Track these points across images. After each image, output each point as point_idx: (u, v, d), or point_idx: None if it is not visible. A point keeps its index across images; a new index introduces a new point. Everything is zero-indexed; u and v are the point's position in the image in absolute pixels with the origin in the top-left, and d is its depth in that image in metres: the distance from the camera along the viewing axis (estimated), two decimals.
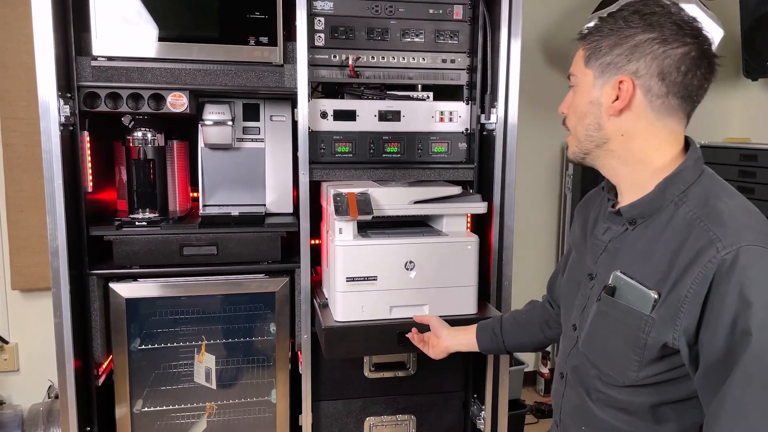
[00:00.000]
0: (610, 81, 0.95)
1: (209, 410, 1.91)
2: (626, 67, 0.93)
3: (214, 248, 1.76)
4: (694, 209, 0.91)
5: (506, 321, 1.41)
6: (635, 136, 0.95)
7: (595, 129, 0.98)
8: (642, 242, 0.96)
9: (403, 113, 1.84)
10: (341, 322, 1.59)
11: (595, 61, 0.97)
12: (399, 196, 1.63)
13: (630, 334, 0.93)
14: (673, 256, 0.89)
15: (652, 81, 0.93)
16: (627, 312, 0.94)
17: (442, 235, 1.68)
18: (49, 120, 1.56)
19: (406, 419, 1.93)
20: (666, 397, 0.94)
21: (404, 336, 1.55)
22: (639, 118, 0.95)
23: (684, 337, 0.87)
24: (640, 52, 0.92)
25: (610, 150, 0.98)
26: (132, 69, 1.65)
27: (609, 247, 1.02)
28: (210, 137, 1.81)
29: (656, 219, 0.95)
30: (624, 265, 0.97)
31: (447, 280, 1.64)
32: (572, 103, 1.02)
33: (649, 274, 0.92)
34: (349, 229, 1.58)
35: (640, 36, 0.92)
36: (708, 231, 0.87)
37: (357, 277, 1.58)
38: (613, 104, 0.95)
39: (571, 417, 1.09)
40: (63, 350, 1.64)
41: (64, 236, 1.60)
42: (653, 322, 0.90)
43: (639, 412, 0.97)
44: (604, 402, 1.01)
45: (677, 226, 0.91)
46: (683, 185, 0.93)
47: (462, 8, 1.83)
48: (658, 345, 0.90)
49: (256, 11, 1.68)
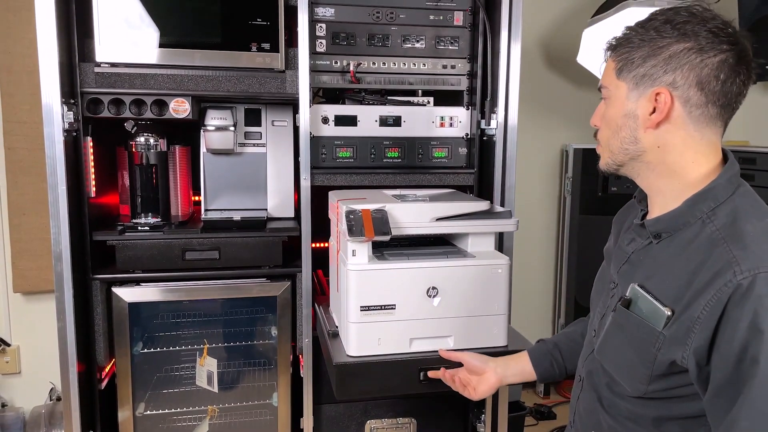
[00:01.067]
0: (646, 93, 0.93)
1: (211, 413, 1.92)
2: (662, 79, 0.91)
3: (216, 253, 1.78)
4: (720, 228, 0.88)
5: (562, 344, 1.32)
6: (672, 149, 0.93)
7: (630, 142, 0.96)
8: (664, 257, 0.94)
9: (404, 118, 1.85)
10: (355, 357, 1.41)
11: (628, 72, 0.94)
12: (420, 213, 1.46)
13: (641, 347, 0.92)
14: (693, 274, 0.87)
15: (690, 91, 0.90)
16: (640, 326, 0.93)
17: (468, 256, 1.50)
18: (53, 126, 1.57)
19: (407, 422, 1.94)
20: (673, 413, 0.94)
21: (428, 374, 1.40)
22: (678, 130, 0.92)
23: (694, 357, 0.86)
24: (676, 62, 0.90)
25: (646, 162, 0.96)
26: (135, 75, 1.66)
27: (632, 259, 1.01)
28: (212, 142, 1.82)
29: (681, 234, 0.93)
30: (643, 278, 0.96)
31: (474, 308, 1.46)
32: (605, 116, 1.00)
33: (666, 289, 0.91)
34: (364, 250, 1.41)
35: (675, 46, 0.90)
36: (729, 253, 0.85)
37: (373, 305, 1.40)
38: (651, 117, 0.92)
39: (583, 420, 1.10)
40: (66, 354, 1.66)
41: (68, 241, 1.61)
42: (664, 339, 0.89)
43: (645, 424, 0.97)
44: (613, 409, 1.02)
45: (701, 245, 0.89)
46: (713, 203, 0.91)
47: (462, 14, 1.84)
48: (667, 362, 0.89)
49: (258, 18, 1.69)
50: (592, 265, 3.38)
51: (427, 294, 1.44)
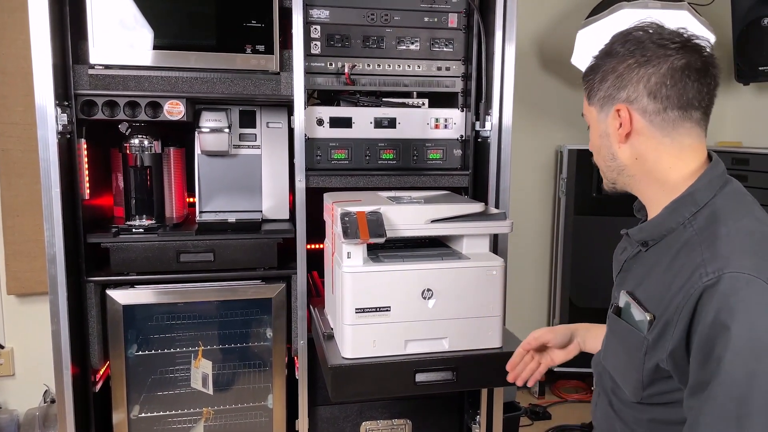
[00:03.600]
0: (610, 112, 0.98)
1: (206, 415, 1.92)
2: (618, 96, 0.97)
3: (210, 255, 1.77)
4: (697, 232, 0.90)
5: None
6: (648, 157, 0.97)
7: (611, 159, 1.01)
8: (650, 263, 0.97)
9: (399, 120, 1.86)
10: (350, 359, 1.42)
11: (594, 97, 1.01)
12: (415, 215, 1.47)
13: (632, 353, 0.95)
14: (673, 278, 0.90)
15: (644, 101, 0.95)
16: (629, 332, 0.96)
17: (463, 258, 1.51)
18: (47, 128, 1.57)
19: (402, 423, 1.94)
20: (671, 418, 0.94)
21: (422, 375, 1.40)
22: (647, 139, 0.96)
23: (672, 359, 0.88)
24: (625, 79, 0.96)
25: (631, 175, 1.00)
26: (129, 77, 1.66)
27: (624, 267, 1.05)
28: (207, 144, 1.82)
29: (666, 241, 0.95)
30: (633, 285, 0.99)
31: (469, 309, 1.47)
32: (590, 141, 1.07)
33: (651, 295, 0.94)
34: (359, 253, 1.42)
35: (622, 64, 0.96)
36: (700, 256, 0.86)
37: (368, 307, 1.41)
38: (618, 131, 0.98)
39: (600, 423, 1.13)
40: (60, 357, 1.65)
41: (62, 243, 1.60)
42: (648, 344, 0.91)
43: (651, 429, 0.98)
44: (622, 414, 1.03)
45: (681, 250, 0.91)
46: (694, 207, 0.92)
47: (457, 16, 1.85)
48: (653, 366, 0.91)
49: (252, 20, 1.69)
50: (587, 265, 3.40)
51: (422, 296, 1.44)
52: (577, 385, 3.17)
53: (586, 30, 2.59)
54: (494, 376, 1.50)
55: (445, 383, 1.46)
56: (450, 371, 1.46)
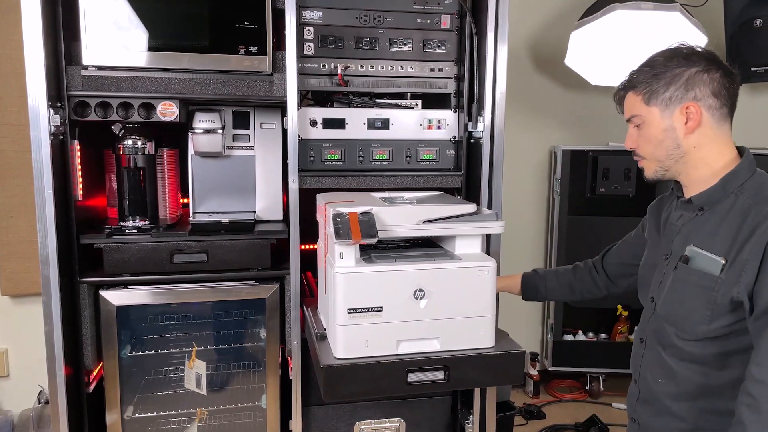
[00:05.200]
0: (676, 109, 1.23)
1: (200, 416, 1.92)
2: (687, 96, 1.23)
3: (204, 255, 1.78)
4: (750, 197, 1.20)
5: (550, 281, 1.71)
6: (704, 146, 1.24)
7: (675, 148, 1.25)
8: (710, 224, 1.24)
9: (392, 121, 1.86)
10: (342, 359, 1.42)
11: (656, 99, 1.25)
12: (407, 216, 1.48)
13: (702, 293, 1.20)
14: (736, 232, 1.18)
15: (709, 100, 1.22)
16: (700, 275, 1.22)
17: (455, 258, 1.52)
18: (40, 129, 1.57)
19: (395, 423, 1.95)
20: (731, 348, 1.20)
21: (414, 375, 1.44)
22: (707, 130, 1.24)
23: (746, 291, 1.15)
24: (693, 82, 1.22)
25: (686, 162, 1.26)
26: (122, 78, 1.66)
27: (682, 230, 1.30)
28: (200, 145, 1.83)
29: (719, 206, 1.24)
30: (696, 241, 1.25)
31: (461, 309, 1.48)
32: (644, 136, 1.29)
33: (716, 246, 1.20)
34: (351, 253, 1.42)
35: (688, 71, 1.23)
36: (763, 211, 1.16)
37: (360, 308, 1.41)
38: (686, 125, 1.23)
39: (650, 372, 1.34)
40: (54, 358, 1.65)
41: (55, 244, 1.61)
42: (722, 282, 1.18)
43: (708, 362, 1.23)
44: (679, 356, 1.27)
45: (737, 211, 1.20)
46: (740, 180, 1.23)
47: (449, 18, 1.86)
48: (727, 300, 1.17)
49: (245, 21, 1.69)
50: None
51: (414, 296, 1.45)
52: (571, 384, 3.19)
53: (580, 31, 2.61)
54: (486, 376, 1.52)
55: (437, 383, 1.47)
56: (441, 371, 1.46)
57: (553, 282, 1.71)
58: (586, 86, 2.78)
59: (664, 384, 1.31)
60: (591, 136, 3.13)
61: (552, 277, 1.73)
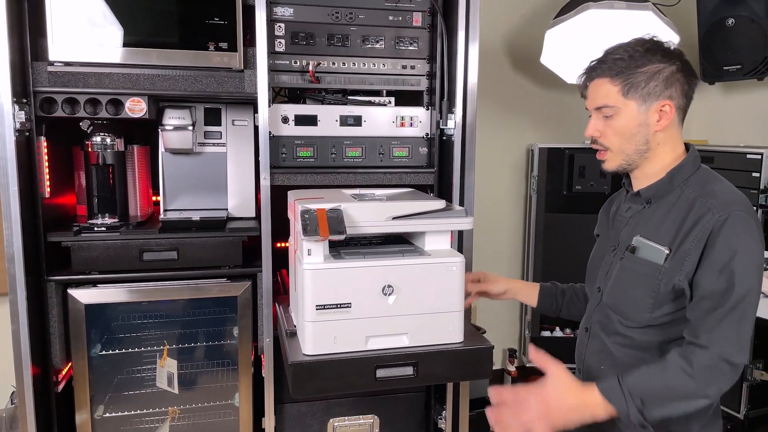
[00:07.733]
0: (652, 106, 1.24)
1: (172, 415, 1.91)
2: (664, 94, 1.23)
3: (174, 253, 1.77)
4: (695, 191, 1.24)
5: (568, 295, 1.64)
6: (666, 143, 1.28)
7: (643, 144, 1.27)
8: (656, 216, 1.28)
9: (365, 118, 1.87)
10: (311, 356, 1.42)
11: (635, 92, 1.23)
12: (376, 212, 1.47)
13: (647, 282, 1.24)
14: (681, 223, 1.22)
15: (680, 100, 1.26)
16: (645, 264, 1.25)
17: (424, 254, 1.52)
18: (4, 126, 1.55)
19: (369, 420, 1.95)
20: (671, 336, 1.24)
21: (382, 370, 1.44)
22: (671, 129, 1.27)
23: (686, 279, 1.19)
24: (671, 81, 1.23)
25: (647, 156, 1.28)
26: (89, 74, 1.64)
27: (630, 222, 1.34)
28: (170, 142, 1.81)
29: (666, 199, 1.27)
30: (643, 232, 1.29)
31: (430, 305, 1.48)
32: (613, 128, 1.27)
33: (661, 237, 1.24)
34: (319, 250, 1.42)
35: (668, 69, 1.23)
36: (706, 203, 1.20)
37: (328, 304, 1.41)
38: (659, 123, 1.25)
39: (594, 361, 1.38)
40: (21, 357, 1.63)
41: (20, 242, 1.59)
42: (665, 271, 1.22)
43: (650, 349, 1.27)
44: (622, 343, 1.31)
45: (682, 204, 1.24)
46: (686, 175, 1.27)
47: (421, 15, 1.86)
48: (669, 288, 1.21)
49: (215, 17, 1.68)
50: (558, 261, 3.43)
51: (383, 292, 1.44)
52: None
53: (555, 30, 2.63)
54: (455, 371, 1.52)
55: (406, 378, 1.47)
56: (410, 366, 1.46)
57: (571, 300, 1.64)
58: (562, 84, 2.80)
59: (607, 371, 1.33)
60: (567, 134, 3.16)
61: (571, 295, 1.65)
